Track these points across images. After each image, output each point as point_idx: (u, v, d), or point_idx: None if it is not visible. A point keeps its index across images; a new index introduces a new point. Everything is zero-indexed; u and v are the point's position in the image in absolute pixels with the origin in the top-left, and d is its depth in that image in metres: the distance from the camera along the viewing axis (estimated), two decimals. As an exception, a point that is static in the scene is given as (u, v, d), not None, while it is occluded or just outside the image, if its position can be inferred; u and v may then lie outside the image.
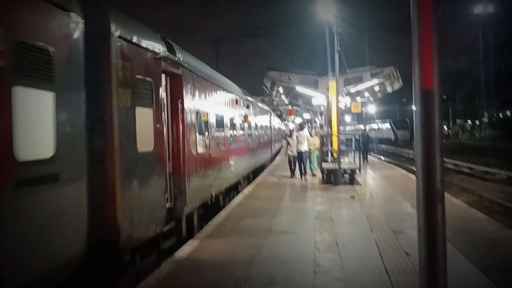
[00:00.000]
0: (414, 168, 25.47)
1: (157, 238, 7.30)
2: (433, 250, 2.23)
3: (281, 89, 31.54)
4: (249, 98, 19.58)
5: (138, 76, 6.53)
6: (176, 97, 8.55)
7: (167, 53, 7.83)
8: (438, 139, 2.17)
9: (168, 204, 7.83)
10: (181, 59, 8.71)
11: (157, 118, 7.20)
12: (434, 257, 2.23)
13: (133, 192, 6.21)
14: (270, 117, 29.21)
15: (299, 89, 26.09)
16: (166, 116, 8.18)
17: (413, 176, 18.47)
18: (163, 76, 7.84)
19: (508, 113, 61.66)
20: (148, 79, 6.87)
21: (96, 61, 5.64)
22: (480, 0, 44.95)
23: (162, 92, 7.74)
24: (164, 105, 7.90)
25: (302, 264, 6.71)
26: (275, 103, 42.51)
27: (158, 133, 7.21)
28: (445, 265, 2.32)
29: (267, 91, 34.97)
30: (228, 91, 14.04)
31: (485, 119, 63.88)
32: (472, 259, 6.69)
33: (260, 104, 24.36)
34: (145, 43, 6.92)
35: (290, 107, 39.71)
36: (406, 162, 35.13)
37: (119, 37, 6.00)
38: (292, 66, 28.28)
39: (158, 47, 7.44)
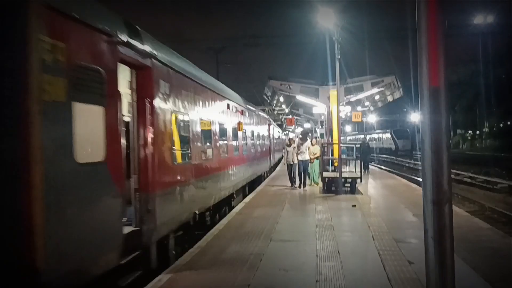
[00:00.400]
0: (415, 177, 25.48)
1: (112, 273, 5.64)
2: (441, 252, 2.15)
3: (281, 98, 31.53)
4: (247, 105, 18.43)
5: (80, 63, 4.98)
6: (143, 94, 6.85)
7: (129, 38, 6.26)
8: (446, 138, 2.11)
9: (129, 229, 6.36)
10: (151, 48, 7.10)
11: (111, 119, 5.62)
12: (441, 258, 2.15)
13: (67, 217, 4.63)
14: (269, 126, 28.21)
15: (300, 98, 26.02)
16: (132, 119, 6.85)
17: (414, 186, 18.40)
18: (124, 67, 6.49)
19: (508, 123, 61.63)
20: (96, 67, 5.32)
21: (6, 36, 4.23)
22: (480, 10, 45.04)
23: (121, 87, 6.32)
24: (124, 104, 6.79)
25: (303, 273, 6.62)
26: (275, 112, 42.49)
27: (112, 139, 5.61)
28: (452, 267, 2.24)
29: (268, 100, 34.98)
30: (218, 94, 12.29)
31: (486, 129, 63.89)
32: (476, 268, 6.60)
33: (258, 112, 23.33)
34: (92, 20, 5.33)
35: (290, 116, 39.67)
36: (407, 171, 35.05)
37: (47, 6, 4.48)
38: (292, 75, 28.23)
39: (114, 29, 5.86)
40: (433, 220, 2.14)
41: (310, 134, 35.31)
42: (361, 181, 16.96)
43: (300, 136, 20.90)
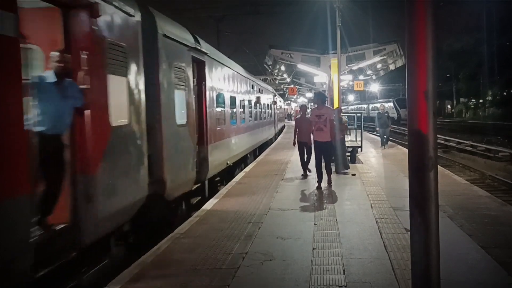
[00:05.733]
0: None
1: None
2: (425, 219, 2.14)
3: (283, 68, 31.26)
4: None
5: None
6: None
7: None
8: (432, 102, 2.07)
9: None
10: None
11: None
12: (425, 225, 2.15)
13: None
14: (209, 70, 11.21)
15: (301, 67, 25.80)
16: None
17: (415, 154, 18.35)
18: None
19: (512, 91, 61.29)
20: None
21: None
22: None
23: None
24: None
25: (300, 241, 6.68)
26: (277, 82, 42.23)
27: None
28: (437, 234, 2.24)
29: (269, 70, 34.71)
30: None
31: (489, 98, 63.54)
32: (472, 235, 6.65)
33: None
34: None
35: (292, 85, 39.41)
36: (408, 140, 34.94)
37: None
38: (293, 44, 27.84)
39: None
40: (418, 187, 2.13)
41: (311, 104, 34.98)
42: (361, 150, 16.99)
43: (316, 99, 12.02)
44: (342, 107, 19.85)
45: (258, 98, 21.01)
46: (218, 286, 5.11)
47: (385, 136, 21.42)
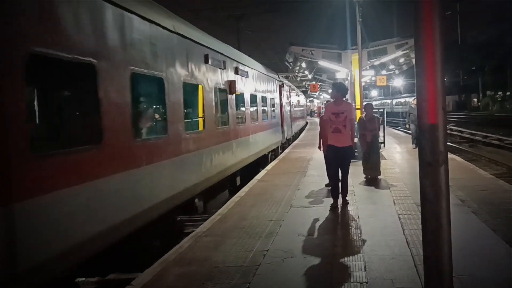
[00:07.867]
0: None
1: None
2: (436, 214, 2.13)
3: (303, 64, 31.09)
4: None
5: None
6: None
7: None
8: (442, 97, 2.04)
9: None
10: None
11: None
12: (437, 220, 2.13)
13: None
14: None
15: (322, 63, 25.60)
16: None
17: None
18: None
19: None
20: None
21: None
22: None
23: None
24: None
25: (322, 238, 6.68)
26: (298, 79, 42.06)
27: None
28: (449, 230, 2.22)
29: (290, 67, 34.60)
30: None
31: (517, 90, 62.14)
32: (496, 230, 6.54)
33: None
34: None
35: (314, 82, 39.18)
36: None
37: None
38: (315, 41, 27.61)
39: None
40: (429, 182, 2.11)
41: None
42: (384, 146, 16.83)
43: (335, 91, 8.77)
44: (364, 102, 19.34)
45: (231, 83, 11.95)
46: (239, 284, 5.14)
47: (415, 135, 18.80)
